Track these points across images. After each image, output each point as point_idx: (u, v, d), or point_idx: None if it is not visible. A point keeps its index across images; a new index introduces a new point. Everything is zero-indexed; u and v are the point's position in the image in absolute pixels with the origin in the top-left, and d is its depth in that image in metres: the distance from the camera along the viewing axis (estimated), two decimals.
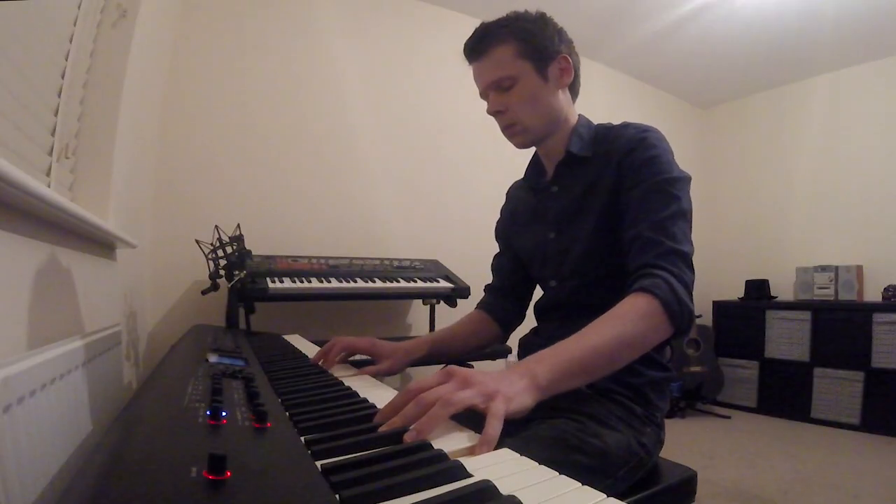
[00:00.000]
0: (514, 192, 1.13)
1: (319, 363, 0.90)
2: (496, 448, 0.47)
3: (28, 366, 0.51)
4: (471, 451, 0.46)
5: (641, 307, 0.71)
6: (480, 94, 0.93)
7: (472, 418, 0.52)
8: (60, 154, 0.92)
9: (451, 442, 0.48)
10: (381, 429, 0.49)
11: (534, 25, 0.87)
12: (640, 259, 0.79)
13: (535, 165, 1.04)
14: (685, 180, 0.84)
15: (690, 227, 0.83)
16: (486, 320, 1.10)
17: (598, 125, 0.96)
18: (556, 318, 0.98)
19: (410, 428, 0.48)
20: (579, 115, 0.97)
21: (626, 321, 0.70)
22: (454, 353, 1.06)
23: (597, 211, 0.88)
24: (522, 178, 1.09)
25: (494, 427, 0.50)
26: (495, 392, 0.55)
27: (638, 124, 0.89)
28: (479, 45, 0.88)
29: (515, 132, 0.91)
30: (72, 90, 0.96)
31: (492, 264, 1.16)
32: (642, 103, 3.62)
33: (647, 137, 0.85)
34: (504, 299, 1.11)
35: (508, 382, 0.58)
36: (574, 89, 0.95)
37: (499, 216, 1.16)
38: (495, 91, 0.89)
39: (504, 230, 1.13)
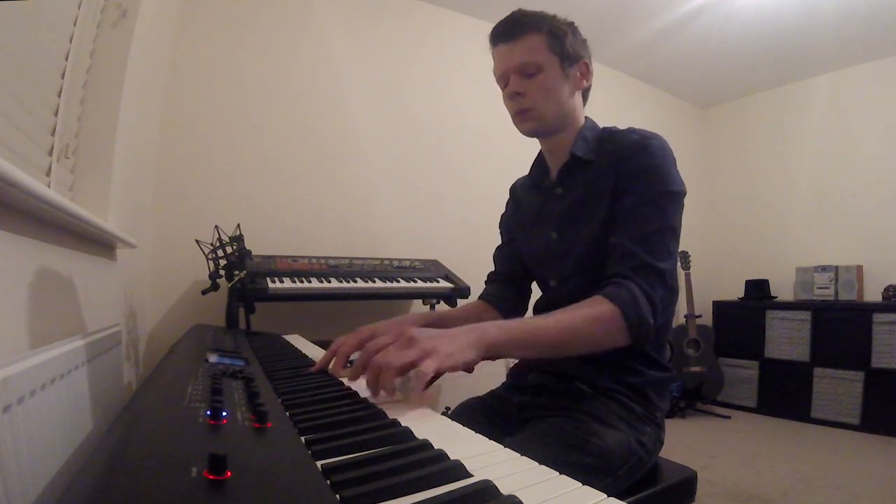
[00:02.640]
0: (519, 190, 1.14)
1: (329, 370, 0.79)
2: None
3: (28, 366, 0.50)
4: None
5: (601, 312, 0.75)
6: (498, 77, 0.94)
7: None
8: (60, 154, 0.92)
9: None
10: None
11: (566, 28, 0.91)
12: (615, 268, 0.82)
13: (539, 165, 1.05)
14: (680, 195, 0.85)
15: (677, 242, 0.85)
16: (488, 309, 1.09)
17: (604, 128, 0.97)
18: None
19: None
20: (586, 117, 0.98)
21: (583, 320, 0.75)
22: None
23: (599, 214, 0.89)
24: (527, 176, 1.11)
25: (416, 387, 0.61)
26: (433, 350, 0.62)
27: (642, 130, 0.90)
28: (512, 29, 0.90)
29: (528, 117, 0.92)
30: (72, 90, 0.96)
31: (493, 255, 1.18)
32: (642, 103, 3.61)
33: (650, 145, 0.86)
34: (505, 288, 1.12)
35: (451, 339, 0.65)
36: (586, 96, 0.98)
37: (503, 211, 1.18)
38: (517, 75, 0.90)
39: (508, 225, 1.15)
